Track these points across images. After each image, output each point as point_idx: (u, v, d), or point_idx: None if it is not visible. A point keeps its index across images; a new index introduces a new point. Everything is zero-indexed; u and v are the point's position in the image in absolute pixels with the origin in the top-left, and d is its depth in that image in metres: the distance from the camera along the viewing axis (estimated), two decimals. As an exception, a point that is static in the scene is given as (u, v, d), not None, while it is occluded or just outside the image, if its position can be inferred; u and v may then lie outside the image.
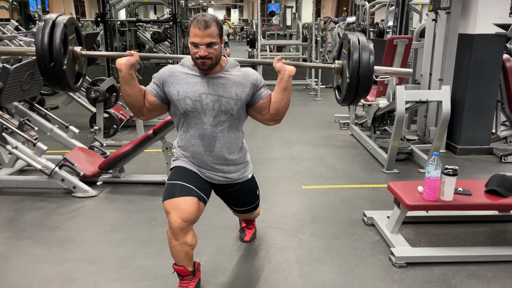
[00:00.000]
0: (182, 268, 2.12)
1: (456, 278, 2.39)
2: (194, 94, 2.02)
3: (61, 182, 3.49)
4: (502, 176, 2.75)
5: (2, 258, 2.59)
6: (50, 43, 2.00)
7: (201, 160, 2.13)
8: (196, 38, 1.91)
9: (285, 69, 2.05)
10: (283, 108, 2.11)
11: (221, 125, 2.08)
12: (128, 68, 1.95)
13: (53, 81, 2.13)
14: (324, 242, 2.79)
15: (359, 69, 2.06)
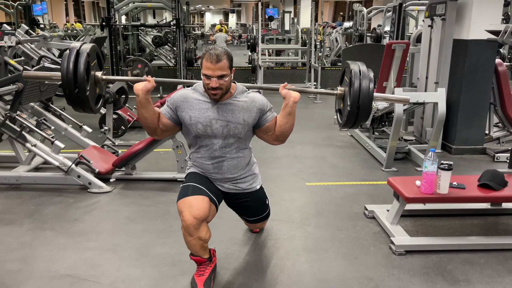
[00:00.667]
0: (198, 258, 2.30)
1: (451, 264, 2.59)
2: (205, 120, 2.18)
3: (77, 179, 3.67)
4: (493, 172, 2.96)
5: (28, 246, 2.77)
6: (75, 72, 2.14)
7: (211, 177, 2.34)
8: (208, 70, 2.07)
9: (290, 96, 2.18)
10: (287, 131, 2.27)
11: (229, 147, 2.27)
12: (145, 94, 2.10)
13: (77, 105, 2.29)
14: (328, 233, 2.98)
15: (359, 98, 2.20)
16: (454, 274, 2.48)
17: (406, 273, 2.50)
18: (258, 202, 2.51)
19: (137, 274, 2.46)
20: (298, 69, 10.26)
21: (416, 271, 2.51)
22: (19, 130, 3.57)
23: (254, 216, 2.59)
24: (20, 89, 3.50)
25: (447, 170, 2.74)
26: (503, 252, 2.71)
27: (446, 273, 2.49)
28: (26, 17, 9.64)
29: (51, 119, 4.16)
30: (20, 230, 2.99)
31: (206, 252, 2.31)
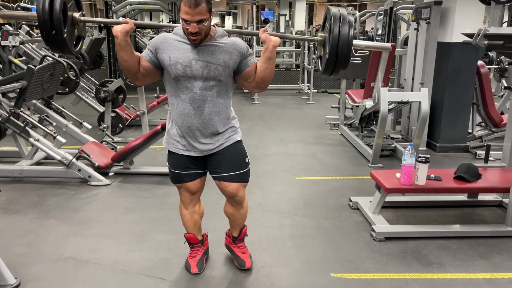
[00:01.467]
0: (192, 235, 2.50)
1: (426, 249, 2.80)
2: (185, 60, 2.11)
3: (77, 172, 3.85)
4: (468, 165, 3.17)
5: (34, 233, 2.95)
6: (51, 12, 2.06)
7: (191, 124, 2.20)
8: (187, 15, 1.99)
9: (269, 40, 2.13)
10: (267, 77, 2.20)
11: (210, 90, 2.17)
12: (124, 35, 2.05)
13: (55, 47, 2.21)
14: (315, 222, 3.19)
15: (338, 44, 2.15)
16: (428, 258, 2.69)
17: (384, 257, 2.71)
18: (236, 154, 2.34)
19: (136, 257, 2.66)
20: (292, 71, 10.47)
21: (394, 255, 2.72)
22: (23, 125, 3.76)
23: (230, 170, 2.30)
24: (24, 87, 3.69)
25: (424, 162, 2.96)
26: (476, 239, 2.92)
27: (421, 257, 2.70)
28: (25, 18, 9.77)
29: (53, 116, 4.34)
30: (25, 219, 3.17)
31: (199, 233, 2.54)
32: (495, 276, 2.50)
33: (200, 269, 2.50)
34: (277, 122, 6.59)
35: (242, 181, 2.36)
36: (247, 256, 2.57)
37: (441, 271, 2.56)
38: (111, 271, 2.52)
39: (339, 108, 6.13)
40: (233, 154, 2.32)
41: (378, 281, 2.45)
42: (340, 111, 6.06)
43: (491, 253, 2.76)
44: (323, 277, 2.48)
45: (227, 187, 2.33)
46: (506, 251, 2.78)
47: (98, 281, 2.42)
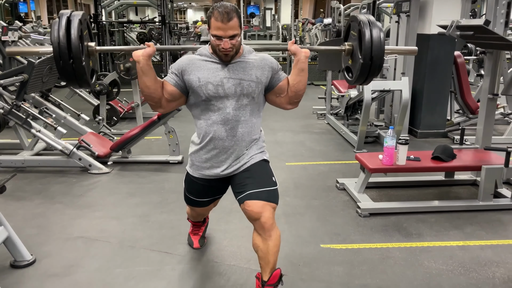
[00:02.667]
0: (196, 222, 2.74)
1: (406, 222, 3.07)
2: (216, 79, 2.01)
3: (78, 161, 4.04)
4: (444, 146, 3.45)
5: (42, 216, 3.15)
6: (68, 40, 1.94)
7: (222, 147, 2.09)
8: (219, 31, 1.91)
9: (300, 51, 2.07)
10: (301, 90, 2.13)
11: (243, 109, 2.07)
12: (146, 59, 1.95)
13: (72, 78, 2.06)
14: (304, 201, 3.44)
15: (371, 49, 2.10)
16: (408, 230, 2.97)
17: (368, 230, 2.97)
18: (263, 171, 2.16)
19: (140, 236, 2.87)
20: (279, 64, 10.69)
21: (377, 228, 2.99)
22: (24, 117, 3.92)
23: (256, 187, 2.07)
24: (26, 80, 3.85)
25: (404, 144, 3.23)
26: (451, 213, 3.20)
27: (402, 229, 2.97)
28: (13, 14, 9.83)
29: (51, 108, 4.50)
30: (32, 204, 3.36)
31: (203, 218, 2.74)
32: (467, 244, 2.79)
33: (201, 245, 2.72)
34: (266, 113, 6.73)
35: (269, 200, 2.07)
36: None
37: (419, 240, 2.83)
38: (119, 247, 2.73)
39: (326, 99, 6.39)
40: (260, 170, 2.15)
41: (363, 250, 2.71)
42: (326, 101, 6.32)
43: (465, 224, 3.05)
44: (314, 248, 2.73)
45: (251, 206, 2.03)
46: (477, 223, 3.07)
47: (108, 256, 2.63)
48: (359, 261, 2.58)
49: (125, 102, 6.36)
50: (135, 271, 2.45)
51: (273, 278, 2.09)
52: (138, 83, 2.08)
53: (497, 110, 5.63)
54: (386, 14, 10.12)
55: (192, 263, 2.56)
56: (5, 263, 2.48)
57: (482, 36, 3.13)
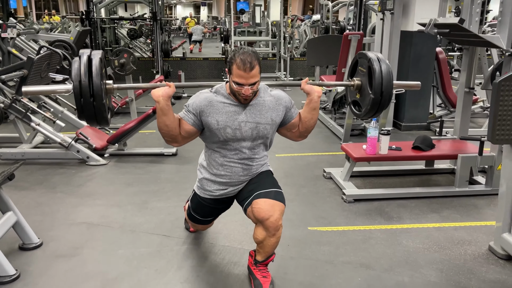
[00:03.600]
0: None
1: (388, 207, 3.30)
2: (234, 123, 2.07)
3: (76, 153, 4.20)
4: (424, 137, 3.69)
5: (45, 204, 3.32)
6: (90, 78, 1.98)
7: (238, 179, 2.22)
8: (241, 79, 1.97)
9: (314, 91, 2.17)
10: (311, 126, 2.25)
11: (257, 148, 2.19)
12: (166, 100, 1.98)
13: (91, 116, 2.09)
14: (294, 189, 3.66)
15: (382, 84, 2.24)
16: (389, 214, 3.20)
17: (353, 214, 3.20)
18: (269, 177, 2.31)
19: (140, 221, 3.06)
20: (269, 60, 10.90)
21: (360, 213, 3.21)
22: (24, 111, 4.07)
23: (265, 188, 2.18)
24: (25, 75, 4.00)
25: (386, 134, 3.46)
26: (430, 198, 3.45)
27: (383, 213, 3.21)
28: (4, 11, 9.87)
29: (49, 103, 4.65)
30: (35, 194, 3.52)
31: None
32: (443, 225, 3.03)
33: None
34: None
35: (278, 199, 2.15)
36: (268, 282, 2.25)
37: (399, 223, 3.06)
38: (120, 231, 2.92)
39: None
40: (266, 177, 2.28)
41: (347, 232, 2.94)
42: (314, 96, 6.53)
43: (441, 208, 3.29)
44: (302, 230, 2.94)
45: (260, 204, 2.09)
46: (453, 207, 3.31)
47: (111, 239, 2.81)
48: (343, 241, 2.80)
49: (119, 97, 6.50)
50: (136, 252, 2.64)
51: (267, 261, 2.29)
52: (157, 122, 2.06)
53: (477, 104, 5.91)
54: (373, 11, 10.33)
55: (189, 244, 2.75)
56: (14, 246, 2.65)
57: (457, 33, 3.37)
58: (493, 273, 2.45)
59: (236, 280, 2.37)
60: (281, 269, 2.46)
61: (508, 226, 2.57)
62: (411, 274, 2.43)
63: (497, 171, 3.34)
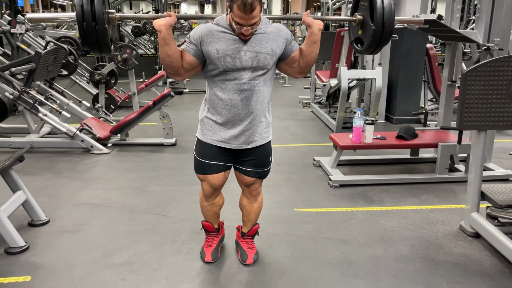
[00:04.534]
0: (209, 224, 2.52)
1: (371, 192, 3.52)
2: (234, 52, 2.05)
3: (81, 143, 4.46)
4: (407, 127, 3.91)
5: (51, 188, 3.57)
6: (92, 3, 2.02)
7: (236, 115, 2.16)
8: (241, 20, 1.95)
9: (314, 24, 2.12)
10: (312, 61, 2.21)
11: (257, 79, 2.13)
12: (168, 29, 1.99)
13: (94, 42, 2.10)
14: (284, 175, 3.89)
15: (383, 15, 2.22)
16: (372, 198, 3.42)
17: (337, 197, 3.42)
18: (264, 154, 2.35)
19: (139, 202, 3.31)
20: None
21: (345, 197, 3.44)
22: (32, 102, 4.33)
23: (253, 167, 2.33)
24: (33, 68, 4.25)
25: (371, 124, 3.68)
26: (411, 184, 3.66)
27: (366, 197, 3.43)
28: (12, 8, 10.16)
29: (55, 95, 4.91)
30: (41, 178, 3.78)
31: (216, 221, 2.54)
32: (420, 208, 3.25)
33: (214, 259, 2.50)
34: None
35: (260, 177, 2.40)
36: (252, 252, 2.49)
37: (380, 205, 3.29)
38: (121, 211, 3.17)
39: (310, 88, 6.82)
40: (261, 153, 2.32)
41: (331, 212, 3.16)
42: (311, 91, 6.76)
43: (421, 193, 3.51)
44: (288, 211, 3.18)
45: (245, 178, 2.36)
46: (432, 192, 3.53)
47: (112, 218, 3.06)
48: (326, 221, 3.03)
49: (122, 92, 6.76)
50: (135, 229, 2.89)
51: (252, 231, 2.52)
52: (159, 53, 2.05)
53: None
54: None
55: (183, 222, 2.99)
56: (23, 222, 2.91)
57: (437, 29, 3.58)
58: (460, 248, 2.67)
59: (225, 252, 2.61)
60: (266, 243, 2.69)
61: (476, 206, 2.79)
62: (385, 249, 2.66)
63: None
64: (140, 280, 2.33)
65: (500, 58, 2.57)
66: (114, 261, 2.50)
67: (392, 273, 2.41)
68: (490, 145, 3.91)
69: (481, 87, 2.57)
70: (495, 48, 3.36)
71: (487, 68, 2.56)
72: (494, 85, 2.57)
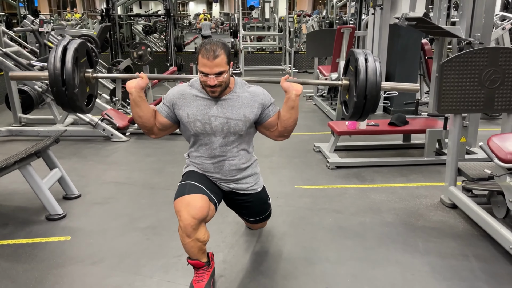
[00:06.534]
0: (197, 261, 2.15)
1: (365, 173, 3.93)
2: (204, 117, 2.04)
3: (102, 131, 4.91)
4: (399, 115, 4.31)
5: (80, 169, 4.03)
6: (62, 68, 2.04)
7: (211, 177, 2.19)
8: (205, 68, 1.92)
9: (292, 89, 2.05)
10: (290, 126, 2.12)
11: (230, 145, 2.10)
12: (138, 91, 2.01)
13: (65, 104, 2.15)
14: (287, 159, 4.30)
15: (366, 88, 2.07)
16: (364, 177, 3.82)
17: (334, 177, 3.83)
18: (259, 202, 2.33)
19: (158, 181, 3.75)
20: (275, 53, 11.53)
21: (340, 176, 3.85)
22: (59, 95, 4.78)
23: (254, 216, 2.42)
24: (60, 64, 4.70)
25: (364, 112, 4.08)
26: (402, 166, 4.06)
27: (360, 177, 3.83)
28: (29, 8, 10.63)
29: (78, 89, 5.37)
30: (70, 161, 4.23)
31: (204, 255, 2.17)
32: (407, 185, 3.65)
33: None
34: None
35: (267, 218, 2.54)
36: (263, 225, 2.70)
37: (371, 183, 3.69)
38: (142, 188, 3.61)
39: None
40: (256, 203, 2.32)
41: (327, 189, 3.57)
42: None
43: (410, 174, 3.90)
44: (289, 188, 3.59)
45: (254, 226, 2.59)
46: (420, 172, 3.92)
47: (135, 193, 3.50)
48: (322, 195, 3.44)
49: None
50: (156, 201, 3.32)
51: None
52: (131, 113, 2.11)
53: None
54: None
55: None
56: (59, 196, 3.35)
57: (424, 25, 3.96)
58: (438, 217, 3.06)
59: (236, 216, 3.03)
60: (269, 213, 3.11)
61: (453, 180, 3.18)
62: (372, 217, 3.06)
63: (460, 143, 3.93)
64: (162, 240, 2.77)
65: (472, 50, 2.97)
66: (139, 225, 2.94)
67: (377, 235, 2.81)
68: (475, 132, 4.29)
69: (456, 76, 2.96)
70: (476, 42, 3.74)
71: (461, 59, 2.95)
72: (467, 74, 2.96)
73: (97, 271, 2.43)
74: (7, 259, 2.54)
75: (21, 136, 4.97)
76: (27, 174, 2.94)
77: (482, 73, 2.95)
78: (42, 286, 2.29)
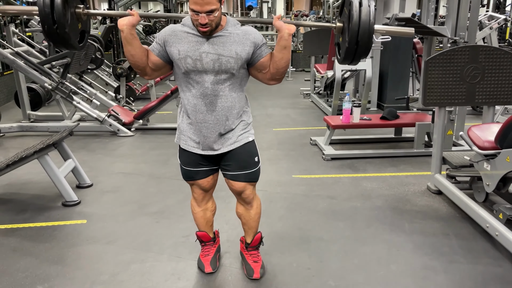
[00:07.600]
0: (204, 233, 2.40)
1: (358, 163, 4.18)
2: (195, 53, 2.00)
3: (109, 127, 5.15)
4: (390, 109, 4.56)
5: (90, 161, 4.27)
6: (52, 6, 1.99)
7: (203, 121, 2.10)
8: (196, 5, 1.88)
9: (284, 28, 1.98)
10: (283, 67, 2.07)
11: (222, 84, 2.06)
12: (130, 29, 1.95)
13: (58, 42, 2.13)
14: (284, 152, 4.56)
15: (358, 33, 2.01)
16: (357, 168, 4.08)
17: (329, 167, 4.09)
18: (246, 154, 2.21)
19: (164, 171, 4.00)
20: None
21: (335, 167, 4.11)
22: (67, 92, 5.03)
23: (237, 170, 2.20)
24: (69, 62, 4.95)
25: (357, 106, 4.34)
26: (393, 157, 4.32)
27: (353, 167, 4.09)
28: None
29: (85, 87, 5.61)
30: (79, 154, 4.47)
31: (211, 230, 2.44)
32: (397, 174, 3.90)
33: (214, 268, 2.43)
34: (260, 94, 7.92)
35: (248, 180, 2.24)
36: (258, 266, 2.40)
37: (364, 173, 3.95)
38: (149, 177, 3.86)
39: (310, 80, 7.48)
40: (243, 153, 2.20)
41: (322, 178, 3.83)
42: (311, 82, 7.41)
43: (400, 164, 4.16)
44: (287, 177, 3.85)
45: (233, 185, 2.25)
46: (409, 163, 4.18)
47: (142, 182, 3.75)
48: (317, 183, 3.69)
49: (139, 85, 7.46)
50: (163, 189, 3.57)
51: (255, 241, 2.42)
52: (124, 52, 2.08)
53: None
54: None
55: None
56: (72, 185, 3.59)
57: (412, 25, 4.21)
58: (424, 202, 3.32)
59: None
60: (268, 199, 3.37)
61: (438, 168, 3.44)
62: (363, 202, 3.32)
63: (447, 135, 4.19)
64: (170, 223, 3.02)
65: (455, 48, 3.22)
66: (149, 210, 3.19)
67: (366, 218, 3.07)
68: (462, 125, 4.55)
69: (440, 72, 3.22)
70: (460, 41, 4.00)
71: (445, 56, 3.21)
72: (450, 70, 3.21)
73: (112, 249, 2.68)
74: (30, 239, 2.79)
75: (32, 131, 5.21)
76: (45, 163, 3.18)
77: (463, 69, 3.21)
78: (64, 262, 2.54)
